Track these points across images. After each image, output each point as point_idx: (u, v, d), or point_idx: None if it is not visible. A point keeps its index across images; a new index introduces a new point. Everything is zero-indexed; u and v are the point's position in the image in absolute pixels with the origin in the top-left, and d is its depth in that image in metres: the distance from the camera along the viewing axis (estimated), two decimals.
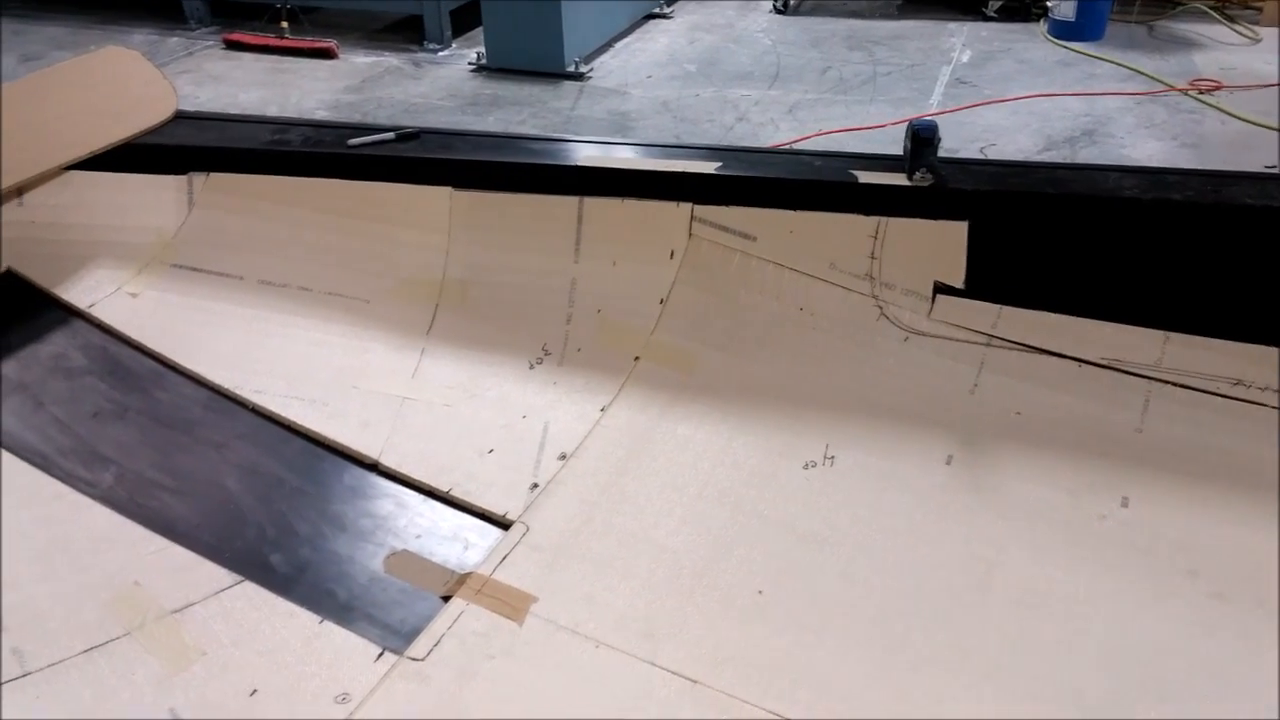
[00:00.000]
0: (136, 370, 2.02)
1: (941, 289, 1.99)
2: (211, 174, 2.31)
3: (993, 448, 1.85)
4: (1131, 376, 1.88)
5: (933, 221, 1.98)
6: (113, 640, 1.47)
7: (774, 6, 6.31)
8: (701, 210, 2.09)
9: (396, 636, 1.51)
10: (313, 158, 2.24)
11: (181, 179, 2.33)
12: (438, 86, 5.25)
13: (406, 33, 5.95)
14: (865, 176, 2.03)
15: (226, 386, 2.00)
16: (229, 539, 1.69)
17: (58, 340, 2.07)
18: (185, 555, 1.63)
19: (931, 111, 4.68)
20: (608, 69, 5.50)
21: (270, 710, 1.40)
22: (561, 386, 2.02)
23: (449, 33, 5.69)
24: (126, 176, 2.30)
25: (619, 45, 5.85)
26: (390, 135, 2.22)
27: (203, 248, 2.29)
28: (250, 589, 1.57)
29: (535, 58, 5.26)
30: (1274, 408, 1.77)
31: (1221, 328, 1.84)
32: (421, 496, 1.80)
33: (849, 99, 4.95)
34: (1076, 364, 1.91)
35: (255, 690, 1.42)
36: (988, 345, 1.96)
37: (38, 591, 1.56)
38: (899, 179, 2.00)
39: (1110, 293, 1.91)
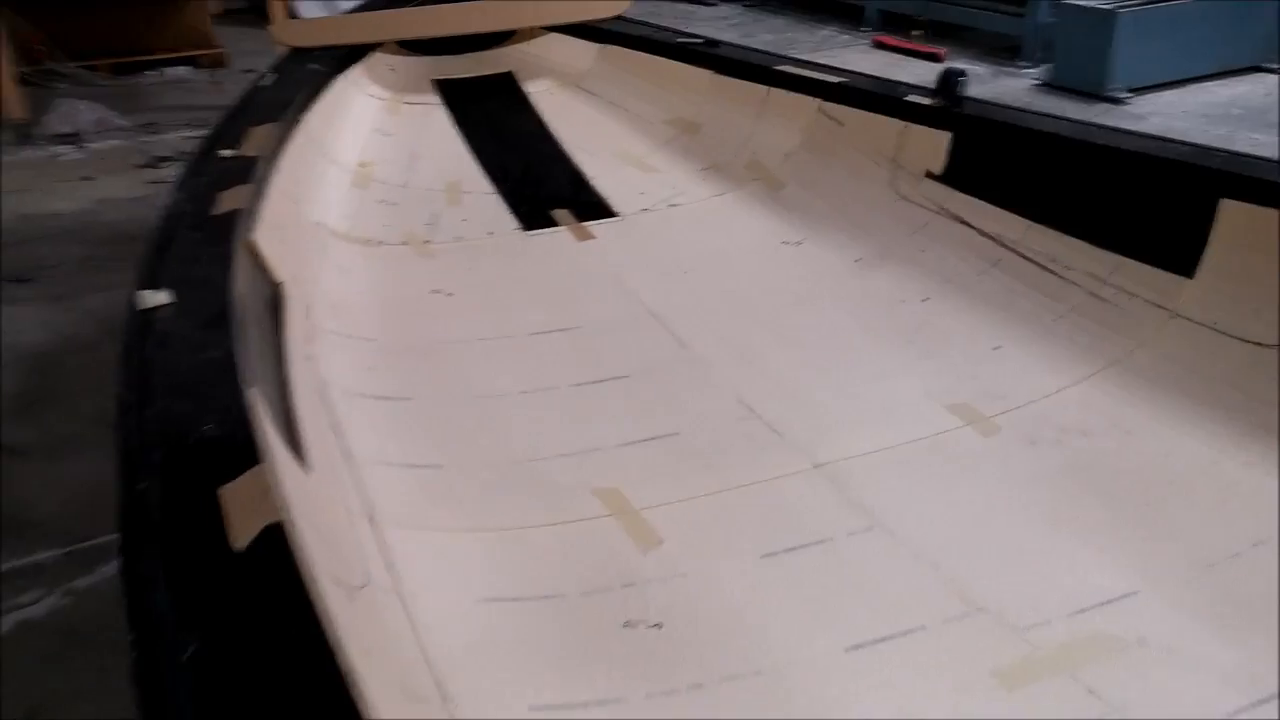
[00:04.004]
0: (515, 121, 3.86)
1: (929, 175, 2.97)
2: (611, 45, 4.05)
3: (888, 263, 2.85)
4: (1000, 246, 2.69)
5: (932, 129, 2.97)
6: (438, 190, 3.45)
7: None
8: (826, 106, 3.33)
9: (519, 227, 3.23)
10: (659, 45, 3.89)
11: (595, 45, 4.09)
12: (989, 92, 6.35)
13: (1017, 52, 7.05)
14: (910, 97, 3.07)
15: (557, 134, 3.78)
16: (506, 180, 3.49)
17: (494, 96, 4.01)
18: (482, 181, 3.49)
19: None
20: (1159, 101, 5.99)
21: (461, 231, 3.21)
22: (683, 170, 3.48)
23: (1040, 55, 6.69)
24: (574, 39, 4.12)
25: (1198, 86, 6.21)
26: (701, 40, 3.83)
27: (594, 81, 4.01)
28: (497, 198, 3.43)
29: (1084, 79, 6.03)
30: (1042, 267, 2.52)
31: (1060, 224, 2.59)
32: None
33: None
34: (978, 233, 2.76)
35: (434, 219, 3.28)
36: (938, 213, 2.91)
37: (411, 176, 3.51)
38: (925, 100, 3.03)
39: (1020, 196, 2.67)
